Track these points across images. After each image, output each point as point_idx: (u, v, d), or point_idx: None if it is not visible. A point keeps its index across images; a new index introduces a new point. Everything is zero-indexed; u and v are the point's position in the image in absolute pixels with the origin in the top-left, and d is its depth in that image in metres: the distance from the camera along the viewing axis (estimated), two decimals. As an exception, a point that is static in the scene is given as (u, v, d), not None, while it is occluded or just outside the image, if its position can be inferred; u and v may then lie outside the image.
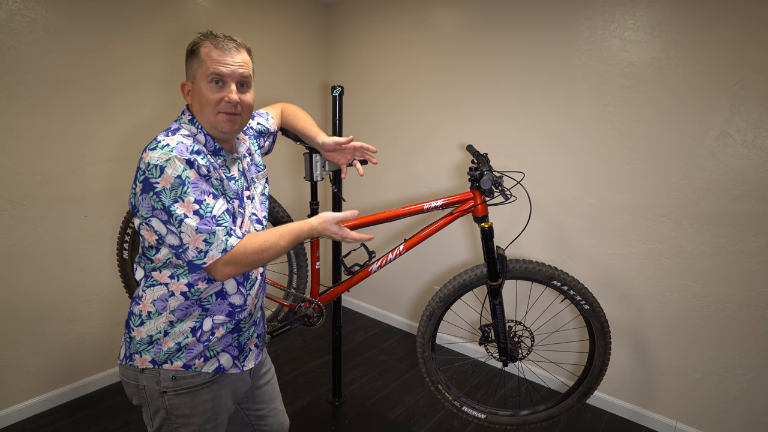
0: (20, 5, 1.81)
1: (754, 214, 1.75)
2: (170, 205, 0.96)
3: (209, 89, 1.05)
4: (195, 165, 0.98)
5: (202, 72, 1.04)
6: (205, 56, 1.04)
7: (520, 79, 2.24)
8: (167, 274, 1.06)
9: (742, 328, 1.83)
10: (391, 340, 2.86)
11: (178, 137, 1.01)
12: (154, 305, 1.06)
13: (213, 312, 1.10)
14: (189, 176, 0.97)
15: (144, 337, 1.07)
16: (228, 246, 0.99)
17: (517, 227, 2.22)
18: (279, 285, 1.75)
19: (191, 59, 1.07)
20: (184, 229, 0.97)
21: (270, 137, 1.42)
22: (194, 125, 1.08)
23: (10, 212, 1.89)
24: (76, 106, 2.00)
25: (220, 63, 1.04)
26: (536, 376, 2.41)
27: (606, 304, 2.11)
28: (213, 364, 1.11)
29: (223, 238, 0.99)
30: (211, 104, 1.05)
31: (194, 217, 0.97)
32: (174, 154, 0.96)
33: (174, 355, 1.07)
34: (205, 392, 1.11)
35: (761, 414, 1.83)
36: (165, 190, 0.96)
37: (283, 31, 2.81)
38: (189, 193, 0.97)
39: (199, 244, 0.98)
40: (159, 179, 0.95)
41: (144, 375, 1.08)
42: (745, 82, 1.70)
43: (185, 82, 1.10)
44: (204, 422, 1.12)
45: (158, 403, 1.09)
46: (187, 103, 1.12)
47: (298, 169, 3.02)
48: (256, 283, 1.17)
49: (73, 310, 2.12)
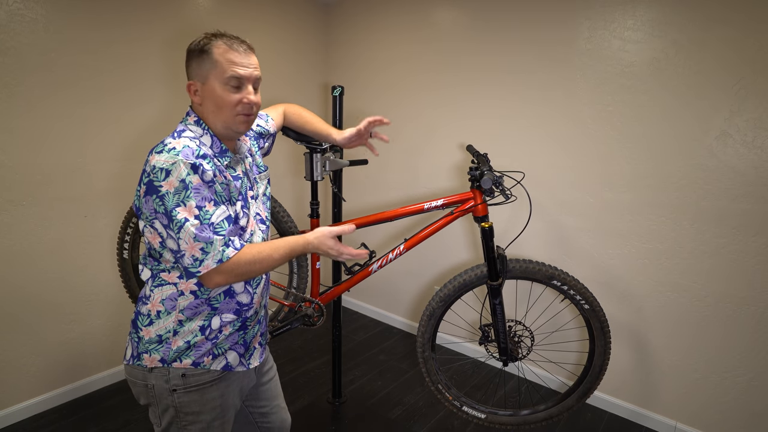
0: (20, 5, 1.81)
1: (754, 214, 1.75)
2: (172, 210, 0.96)
3: (227, 91, 1.04)
4: (200, 170, 0.98)
5: (218, 73, 1.03)
6: (220, 57, 1.03)
7: (520, 79, 2.24)
8: (176, 275, 1.07)
9: (742, 328, 1.83)
10: (391, 340, 2.86)
11: (185, 140, 1.01)
12: (163, 304, 1.07)
13: (221, 311, 1.11)
14: (192, 181, 0.97)
15: (153, 337, 1.07)
16: (224, 257, 0.99)
17: (517, 227, 2.22)
18: (279, 285, 1.75)
19: (201, 59, 1.05)
20: (183, 235, 0.97)
21: (269, 138, 1.42)
22: (200, 126, 1.08)
23: (10, 212, 1.89)
24: (76, 106, 2.00)
25: (238, 65, 1.04)
26: (536, 375, 2.41)
27: (606, 304, 2.11)
28: (221, 361, 1.13)
29: (220, 248, 0.99)
30: (230, 106, 1.05)
31: (194, 222, 0.97)
32: (180, 158, 0.96)
33: (183, 354, 1.08)
34: (214, 389, 1.13)
35: (761, 414, 1.83)
36: (168, 194, 0.96)
37: (283, 31, 2.81)
38: (191, 198, 0.97)
39: (196, 252, 0.98)
40: (163, 182, 0.96)
41: (153, 374, 1.08)
42: (745, 82, 1.70)
43: (193, 82, 1.07)
44: (213, 419, 1.14)
45: (167, 401, 1.10)
46: (192, 103, 1.10)
47: (298, 169, 3.02)
48: (262, 281, 1.19)
49: (73, 310, 2.13)
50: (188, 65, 1.08)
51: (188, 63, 1.08)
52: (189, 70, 1.08)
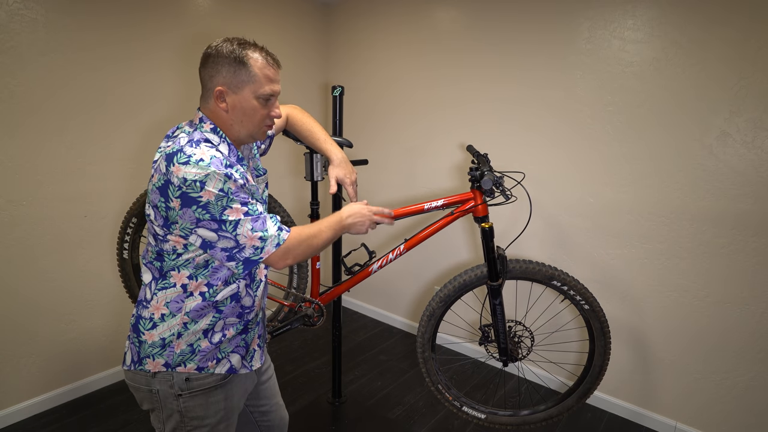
0: (20, 5, 1.81)
1: (753, 214, 1.75)
2: (221, 215, 0.98)
3: (258, 104, 1.07)
4: (233, 177, 0.99)
5: (255, 87, 1.05)
6: (259, 72, 1.05)
7: (520, 79, 2.24)
8: (186, 275, 1.06)
9: (742, 328, 1.83)
10: (391, 340, 2.86)
11: (206, 149, 0.99)
12: (167, 307, 1.07)
13: (226, 314, 1.11)
14: (231, 187, 0.99)
15: (156, 340, 1.07)
16: (281, 240, 1.05)
17: (517, 227, 2.22)
18: (279, 285, 1.75)
19: (237, 68, 1.03)
20: (240, 231, 1.00)
21: (267, 140, 1.43)
22: (217, 134, 1.07)
23: (10, 212, 1.89)
24: (76, 106, 2.00)
25: (274, 82, 1.08)
26: (536, 376, 2.41)
27: (606, 304, 2.11)
28: (225, 365, 1.13)
29: (275, 233, 1.05)
30: (260, 118, 1.09)
31: (246, 218, 1.00)
32: (212, 170, 0.96)
33: (187, 358, 1.08)
34: (218, 392, 1.13)
35: (761, 414, 1.83)
36: (210, 203, 0.97)
37: (283, 31, 2.81)
38: (235, 200, 0.99)
39: (255, 242, 1.02)
40: (202, 193, 0.96)
41: (156, 379, 1.08)
42: (745, 82, 1.70)
43: (224, 89, 1.04)
44: (217, 423, 1.14)
45: (173, 406, 1.10)
46: (210, 109, 1.07)
47: (298, 169, 3.02)
48: (261, 284, 1.19)
49: (73, 310, 2.12)
50: (216, 70, 1.04)
51: (216, 68, 1.04)
52: (216, 76, 1.04)
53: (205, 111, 1.09)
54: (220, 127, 1.08)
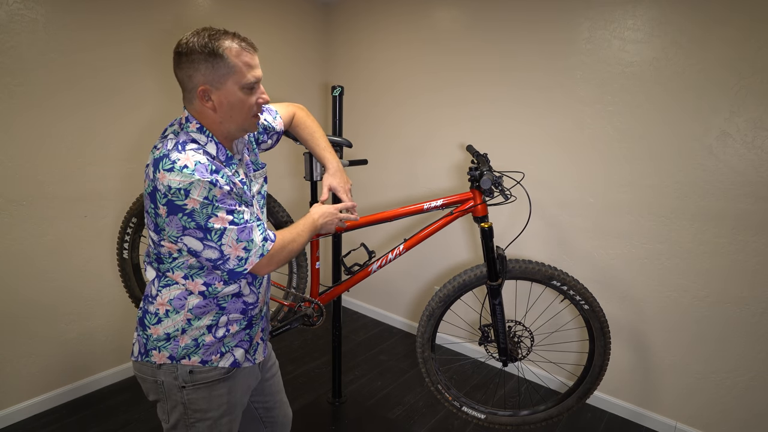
0: (20, 5, 1.81)
1: (754, 213, 1.75)
2: (206, 224, 0.97)
3: (245, 95, 1.02)
4: (218, 184, 0.97)
5: (237, 78, 0.99)
6: (237, 61, 0.98)
7: (520, 79, 2.24)
8: (180, 275, 1.07)
9: (742, 328, 1.83)
10: (391, 340, 2.86)
11: (192, 154, 0.97)
12: (171, 304, 1.07)
13: (229, 310, 1.12)
14: (215, 194, 0.97)
15: (161, 335, 1.08)
16: (264, 251, 1.05)
17: (517, 227, 2.22)
18: (279, 285, 1.75)
19: (214, 63, 0.97)
20: (225, 241, 0.99)
21: (274, 136, 1.37)
22: (204, 134, 1.04)
23: (10, 212, 1.89)
24: (76, 106, 2.00)
25: (255, 68, 1.03)
26: (536, 376, 2.41)
27: (606, 304, 2.11)
28: (228, 358, 1.14)
29: (260, 243, 1.04)
30: (250, 107, 1.05)
31: (231, 227, 0.99)
32: (196, 177, 0.94)
33: (192, 351, 1.09)
34: (221, 385, 1.14)
35: (761, 414, 1.83)
36: (196, 211, 0.96)
37: (282, 31, 2.81)
38: (221, 208, 0.98)
39: (240, 252, 1.02)
40: (186, 201, 0.95)
41: (162, 370, 1.10)
42: (745, 82, 1.70)
43: (207, 87, 0.99)
44: (220, 416, 1.15)
45: (177, 398, 1.11)
46: (195, 109, 1.04)
47: (298, 169, 3.02)
48: (264, 281, 1.21)
49: (73, 310, 2.13)
50: (193, 69, 0.98)
51: (192, 66, 0.98)
52: (195, 75, 0.98)
53: (191, 111, 1.04)
54: (207, 126, 1.04)
